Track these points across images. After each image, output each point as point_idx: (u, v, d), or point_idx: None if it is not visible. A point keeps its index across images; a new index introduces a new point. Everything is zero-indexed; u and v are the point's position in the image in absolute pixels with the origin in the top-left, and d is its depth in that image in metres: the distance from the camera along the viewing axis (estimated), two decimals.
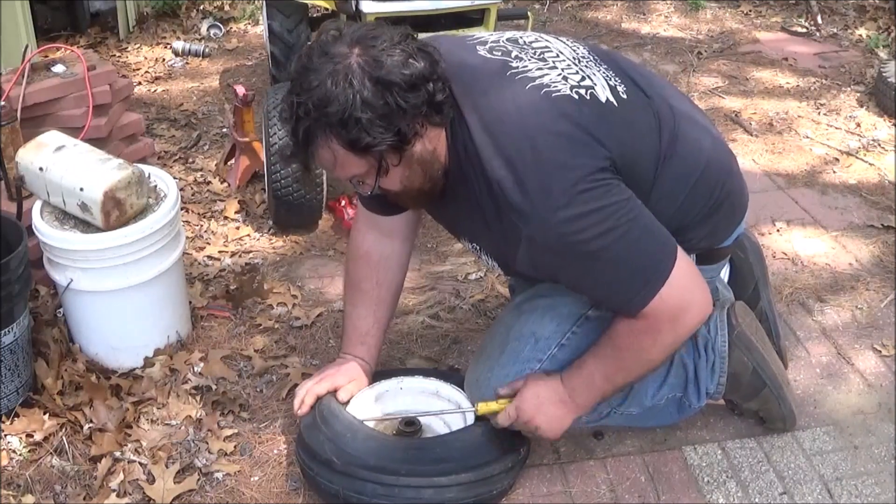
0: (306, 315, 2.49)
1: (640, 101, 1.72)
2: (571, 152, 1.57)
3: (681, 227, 1.72)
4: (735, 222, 1.88)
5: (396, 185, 1.65)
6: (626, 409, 1.92)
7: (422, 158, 1.61)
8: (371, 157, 1.56)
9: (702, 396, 1.97)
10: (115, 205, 2.07)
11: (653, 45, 4.57)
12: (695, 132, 1.77)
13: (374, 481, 1.76)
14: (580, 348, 1.80)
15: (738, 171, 1.90)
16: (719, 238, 1.86)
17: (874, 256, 2.76)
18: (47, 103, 2.57)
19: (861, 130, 3.59)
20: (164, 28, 4.71)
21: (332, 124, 1.50)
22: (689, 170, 1.73)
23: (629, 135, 1.65)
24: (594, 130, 1.59)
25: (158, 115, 3.78)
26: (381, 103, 1.49)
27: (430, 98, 1.54)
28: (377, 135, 1.50)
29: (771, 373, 1.99)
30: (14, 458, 1.98)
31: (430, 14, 2.94)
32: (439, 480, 1.77)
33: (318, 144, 1.55)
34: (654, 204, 1.67)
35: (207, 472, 1.97)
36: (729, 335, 1.96)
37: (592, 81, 1.67)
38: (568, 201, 1.54)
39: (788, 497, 1.92)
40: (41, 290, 2.41)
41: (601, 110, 1.64)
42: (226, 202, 3.06)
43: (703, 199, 1.76)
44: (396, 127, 1.51)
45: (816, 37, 4.62)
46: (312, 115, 1.51)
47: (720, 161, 1.82)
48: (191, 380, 2.21)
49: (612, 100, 1.66)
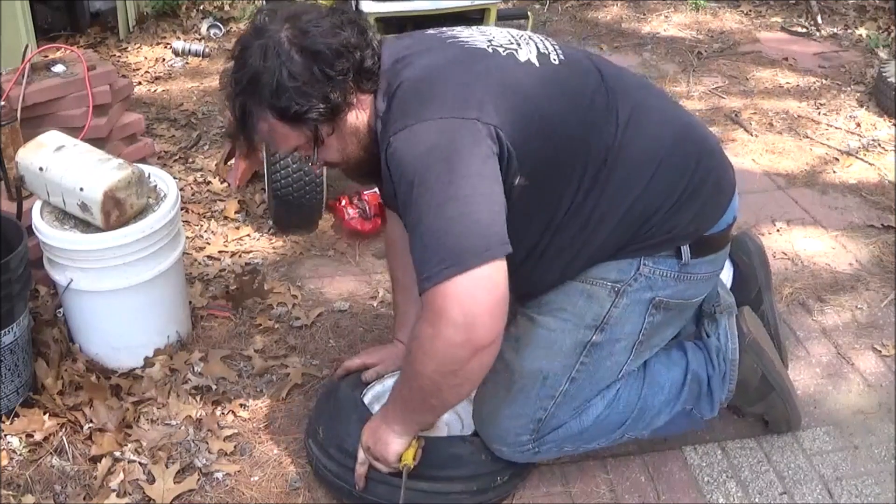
0: (306, 315, 2.49)
1: (580, 71, 1.70)
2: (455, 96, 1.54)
3: (659, 209, 1.69)
4: (722, 205, 1.80)
5: (335, 155, 1.67)
6: (639, 432, 1.91)
7: (354, 127, 1.63)
8: (305, 127, 1.59)
9: (714, 408, 1.95)
10: (115, 205, 2.07)
11: (653, 45, 4.57)
12: (656, 115, 1.75)
13: (342, 463, 1.83)
14: (594, 379, 1.79)
15: (720, 151, 1.85)
16: (707, 222, 1.77)
17: (874, 256, 2.76)
18: (47, 103, 2.57)
19: (861, 130, 3.59)
20: (164, 28, 4.71)
21: (265, 97, 1.55)
22: (650, 151, 1.69)
23: (545, 92, 1.62)
24: (489, 87, 1.56)
25: (158, 115, 3.78)
26: (308, 73, 1.53)
27: (357, 65, 1.56)
28: (306, 103, 1.54)
29: (779, 377, 1.99)
30: (14, 458, 1.98)
31: (430, 14, 2.94)
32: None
33: (256, 118, 1.60)
34: (620, 183, 1.65)
35: (207, 472, 1.97)
36: (740, 342, 1.94)
37: (518, 45, 1.68)
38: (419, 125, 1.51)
39: (788, 497, 1.92)
40: (41, 290, 2.41)
41: (511, 63, 1.63)
42: (226, 202, 3.06)
43: (676, 180, 1.71)
44: (325, 94, 1.54)
45: (816, 37, 4.62)
46: (247, 91, 1.56)
47: (693, 142, 1.78)
48: (191, 380, 2.21)
49: (533, 61, 1.66)
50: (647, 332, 1.79)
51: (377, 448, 1.73)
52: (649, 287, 1.74)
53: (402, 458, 1.72)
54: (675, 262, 1.75)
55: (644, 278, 1.74)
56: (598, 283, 1.74)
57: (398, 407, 1.69)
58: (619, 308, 1.74)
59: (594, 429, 1.84)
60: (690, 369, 1.91)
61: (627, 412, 1.85)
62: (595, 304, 1.74)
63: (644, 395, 1.86)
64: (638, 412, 1.86)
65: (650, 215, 1.69)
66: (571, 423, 1.82)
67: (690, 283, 1.79)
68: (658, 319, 1.79)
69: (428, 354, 1.52)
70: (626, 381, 1.84)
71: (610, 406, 1.83)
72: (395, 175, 1.54)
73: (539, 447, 1.83)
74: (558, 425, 1.81)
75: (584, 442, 1.87)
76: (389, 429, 1.71)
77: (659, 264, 1.74)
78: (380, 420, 1.74)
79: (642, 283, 1.74)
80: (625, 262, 1.73)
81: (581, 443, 1.87)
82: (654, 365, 1.89)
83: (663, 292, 1.76)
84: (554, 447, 1.84)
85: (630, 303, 1.74)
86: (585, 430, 1.83)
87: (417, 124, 1.51)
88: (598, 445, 1.91)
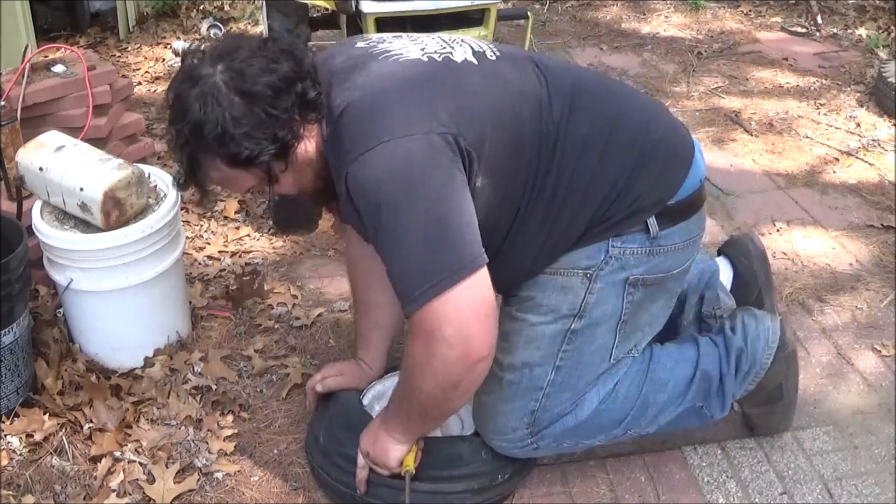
0: (306, 315, 2.49)
1: (515, 63, 1.70)
2: (403, 112, 1.53)
3: (615, 184, 1.68)
4: (681, 170, 1.75)
5: (291, 188, 1.67)
6: (643, 429, 1.90)
7: (307, 158, 1.61)
8: (258, 168, 1.57)
9: (726, 407, 1.92)
10: (115, 205, 2.07)
11: (653, 45, 4.57)
12: (594, 93, 1.75)
13: (342, 467, 1.84)
14: (580, 365, 1.79)
15: (667, 115, 1.83)
16: (668, 190, 1.73)
17: (874, 256, 2.76)
18: (47, 103, 2.57)
19: (861, 130, 3.59)
20: (164, 28, 4.71)
21: (211, 146, 1.52)
22: (596, 128, 1.69)
23: (487, 90, 1.62)
24: (435, 96, 1.56)
25: (158, 115, 3.77)
26: (252, 115, 1.50)
27: (301, 98, 1.54)
28: (255, 146, 1.51)
29: (794, 391, 1.98)
30: (14, 458, 1.98)
31: (430, 14, 2.94)
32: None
33: (206, 168, 1.58)
34: (572, 163, 1.65)
35: (207, 472, 1.97)
36: (779, 350, 1.90)
37: (452, 49, 1.67)
38: (374, 149, 1.48)
39: (788, 497, 1.92)
40: (41, 290, 2.41)
41: (450, 66, 1.62)
42: (226, 202, 3.06)
43: (626, 152, 1.70)
44: (273, 134, 1.52)
45: (816, 37, 4.62)
46: (192, 142, 1.54)
47: (636, 110, 1.77)
48: (191, 380, 2.21)
49: (470, 59, 1.65)
50: (629, 312, 1.78)
51: (377, 454, 1.73)
52: (621, 267, 1.73)
53: (403, 463, 1.73)
54: (644, 238, 1.73)
55: (615, 259, 1.73)
56: (570, 272, 1.73)
57: (400, 419, 1.69)
58: (594, 294, 1.74)
59: (592, 423, 1.83)
60: (700, 368, 1.88)
61: (627, 407, 1.84)
62: (570, 294, 1.74)
63: (645, 391, 1.85)
64: (639, 408, 1.85)
65: (608, 191, 1.68)
66: (567, 417, 1.81)
67: (666, 256, 1.76)
68: (638, 297, 1.77)
69: (426, 373, 1.53)
70: (625, 375, 1.83)
71: (607, 399, 1.82)
72: (359, 202, 1.52)
73: (537, 442, 1.82)
74: (554, 418, 1.81)
75: (583, 437, 1.86)
76: (389, 436, 1.71)
77: (627, 243, 1.72)
78: (379, 427, 1.74)
79: (614, 266, 1.73)
80: (593, 248, 1.72)
81: (580, 438, 1.86)
82: (659, 361, 1.87)
83: (637, 269, 1.74)
84: (552, 442, 1.84)
85: (604, 286, 1.74)
86: (582, 424, 1.82)
87: (371, 150, 1.49)
88: (600, 442, 1.90)
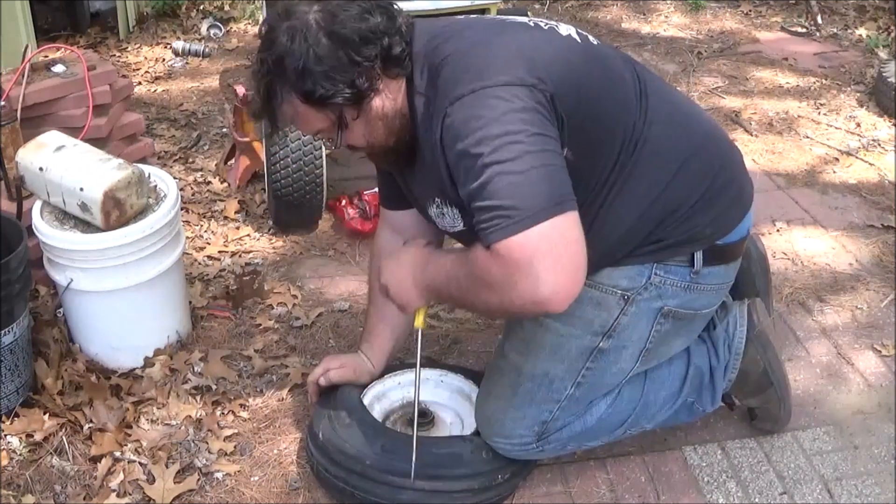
0: (306, 315, 2.49)
1: (616, 56, 1.72)
2: (506, 63, 1.52)
3: (680, 207, 1.69)
4: (739, 215, 1.81)
5: (360, 140, 1.66)
6: (641, 427, 1.91)
7: (382, 113, 1.61)
8: (330, 111, 1.58)
9: (716, 401, 1.96)
10: (115, 205, 2.07)
11: (653, 45, 4.57)
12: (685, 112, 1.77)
13: (345, 466, 1.83)
14: (600, 384, 1.80)
15: (742, 164, 1.86)
16: (723, 230, 1.77)
17: (874, 256, 2.76)
18: (47, 103, 2.57)
19: (861, 130, 3.59)
20: (164, 28, 4.71)
21: (290, 79, 1.54)
22: (678, 146, 1.70)
23: (587, 66, 1.62)
24: (538, 56, 1.55)
25: (158, 115, 3.78)
26: (335, 57, 1.52)
27: (385, 52, 1.55)
28: (331, 87, 1.53)
29: (780, 374, 1.99)
30: (14, 458, 1.98)
31: (431, 14, 2.94)
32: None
33: (280, 100, 1.59)
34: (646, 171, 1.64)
35: (207, 472, 1.97)
36: (748, 331, 1.94)
37: (556, 24, 1.69)
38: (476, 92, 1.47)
39: (788, 497, 1.92)
40: (41, 290, 2.41)
41: (554, 36, 1.64)
42: (226, 202, 3.06)
43: (699, 180, 1.71)
44: (351, 79, 1.53)
45: (816, 37, 4.62)
46: (273, 71, 1.56)
47: (719, 146, 1.80)
48: (191, 380, 2.21)
49: (574, 36, 1.66)
50: (654, 341, 1.79)
51: (398, 293, 1.71)
52: (659, 296, 1.75)
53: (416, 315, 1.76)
54: (686, 272, 1.74)
55: (654, 287, 1.74)
56: (609, 290, 1.73)
57: (439, 281, 1.63)
58: (627, 316, 1.75)
59: (598, 427, 1.85)
60: (693, 362, 1.91)
61: (630, 409, 1.86)
62: (604, 311, 1.74)
63: (646, 391, 1.87)
64: (641, 408, 1.87)
65: (671, 212, 1.69)
66: (575, 424, 1.83)
67: (700, 294, 1.79)
68: (666, 328, 1.79)
69: (492, 292, 1.47)
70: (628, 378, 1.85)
71: (613, 405, 1.84)
72: (454, 143, 1.48)
73: (543, 446, 1.83)
74: (562, 426, 1.82)
75: (587, 440, 1.88)
76: (415, 284, 1.67)
77: (670, 273, 1.74)
78: (413, 269, 1.68)
79: (652, 293, 1.74)
80: (636, 270, 1.72)
81: (584, 440, 1.88)
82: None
83: (672, 301, 1.76)
84: (558, 446, 1.85)
85: (639, 311, 1.75)
86: (589, 430, 1.85)
87: (473, 92, 1.48)
88: (601, 442, 1.91)
